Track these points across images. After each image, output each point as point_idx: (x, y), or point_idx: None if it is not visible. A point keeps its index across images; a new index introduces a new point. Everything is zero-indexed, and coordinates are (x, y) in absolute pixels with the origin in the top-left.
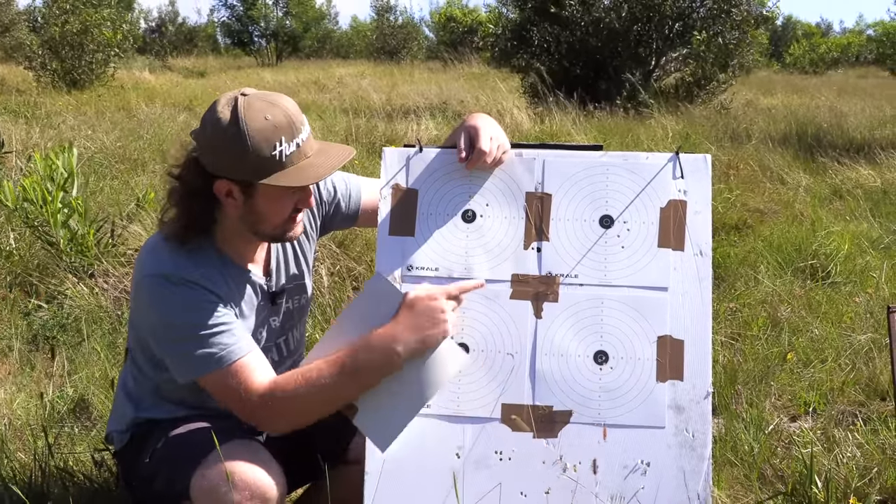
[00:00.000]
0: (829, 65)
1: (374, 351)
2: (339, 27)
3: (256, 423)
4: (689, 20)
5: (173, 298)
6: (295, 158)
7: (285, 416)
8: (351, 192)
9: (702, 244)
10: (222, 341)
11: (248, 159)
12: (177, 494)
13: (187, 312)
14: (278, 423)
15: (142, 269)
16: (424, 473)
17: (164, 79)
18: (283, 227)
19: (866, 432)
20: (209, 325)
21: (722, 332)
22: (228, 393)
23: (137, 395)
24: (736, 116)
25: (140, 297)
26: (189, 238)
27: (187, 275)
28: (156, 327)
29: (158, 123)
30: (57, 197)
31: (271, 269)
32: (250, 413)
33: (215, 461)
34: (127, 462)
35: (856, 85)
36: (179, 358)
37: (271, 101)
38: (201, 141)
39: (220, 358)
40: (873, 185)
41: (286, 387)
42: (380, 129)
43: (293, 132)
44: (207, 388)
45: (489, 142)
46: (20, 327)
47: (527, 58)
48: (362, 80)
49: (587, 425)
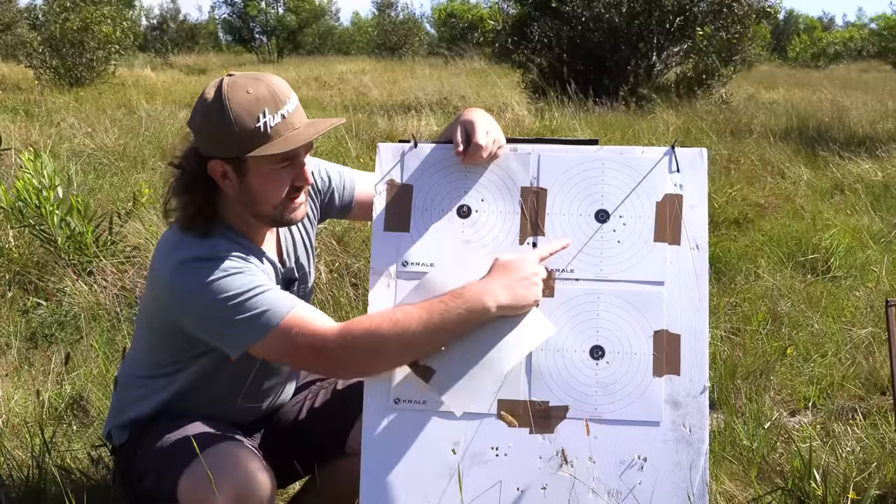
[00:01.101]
0: (831, 59)
1: (465, 300)
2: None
3: (334, 367)
4: (689, 15)
5: (213, 273)
6: (281, 129)
7: (364, 352)
8: (345, 184)
9: (698, 238)
10: (268, 299)
11: (234, 134)
12: (165, 494)
13: (230, 280)
14: (354, 360)
15: (169, 260)
16: (420, 469)
17: (166, 76)
18: (281, 206)
19: (866, 427)
20: (253, 287)
21: (722, 327)
22: (297, 347)
23: (138, 395)
24: (737, 111)
25: (176, 287)
26: (201, 225)
27: (216, 252)
28: (202, 308)
29: (159, 121)
30: (50, 196)
31: (283, 255)
32: (329, 358)
33: (200, 465)
34: (124, 459)
35: (858, 79)
36: (230, 329)
37: (255, 77)
38: (193, 126)
39: (271, 314)
40: (874, 180)
41: (369, 323)
42: (380, 125)
43: (277, 104)
44: (266, 354)
45: (485, 136)
46: (19, 325)
47: (527, 53)
48: (363, 76)
49: (583, 420)
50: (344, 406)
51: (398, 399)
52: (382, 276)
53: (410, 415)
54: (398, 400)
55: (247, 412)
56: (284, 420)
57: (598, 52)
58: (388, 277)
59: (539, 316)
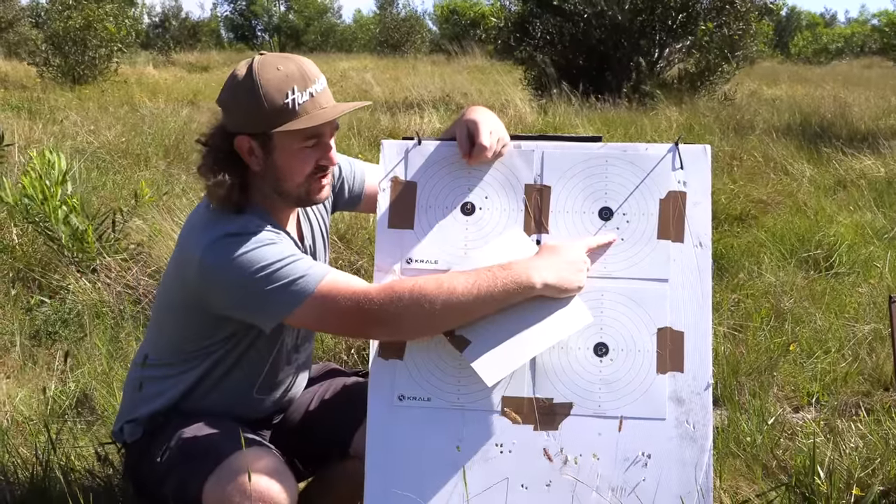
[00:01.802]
0: (834, 55)
1: (514, 273)
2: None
3: (376, 325)
4: (692, 11)
5: (246, 245)
6: (309, 107)
7: (408, 308)
8: (355, 175)
9: (701, 235)
10: (303, 265)
11: (262, 110)
12: (189, 499)
13: (263, 251)
14: (398, 316)
15: (202, 238)
16: (425, 466)
17: (168, 74)
18: (306, 185)
19: (869, 423)
20: (287, 256)
21: (725, 324)
22: (339, 309)
23: (151, 390)
24: (740, 107)
25: (208, 263)
26: (234, 202)
27: (248, 227)
28: (238, 284)
29: (161, 118)
30: (56, 193)
31: (304, 240)
32: (372, 316)
33: (229, 469)
34: (135, 456)
35: (860, 75)
36: (266, 298)
37: (285, 56)
38: (222, 102)
39: (308, 279)
40: (877, 176)
41: (414, 282)
42: (383, 122)
43: (306, 82)
44: (304, 321)
45: (489, 136)
46: (23, 322)
47: (530, 50)
48: (365, 73)
49: (588, 417)
50: (349, 408)
51: (402, 396)
52: (386, 273)
53: (415, 412)
54: (402, 397)
55: (259, 406)
56: (291, 420)
57: (601, 48)
58: (392, 275)
59: (580, 304)
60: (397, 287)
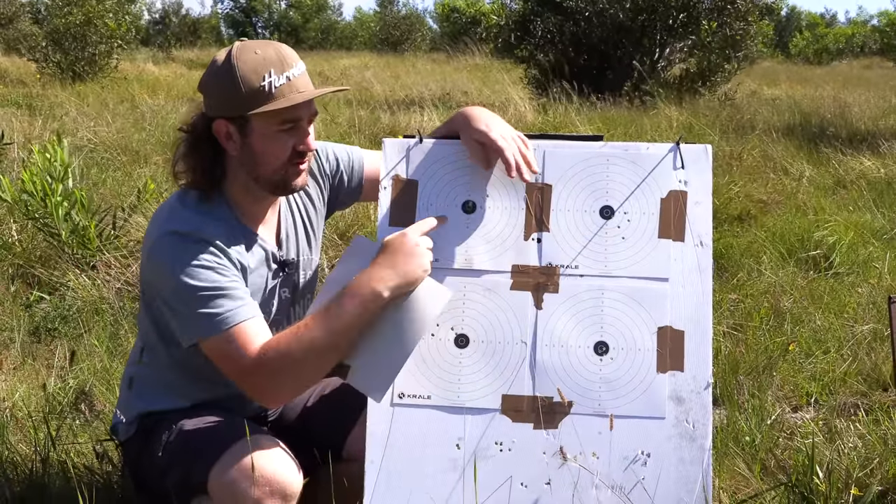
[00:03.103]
0: (834, 55)
1: (356, 294)
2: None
3: (252, 389)
4: (693, 11)
5: (185, 257)
6: (285, 91)
7: (279, 377)
8: (353, 163)
9: (702, 235)
10: (226, 304)
11: (238, 93)
12: (192, 488)
13: (198, 272)
14: (273, 387)
15: (157, 229)
16: (425, 465)
17: (168, 70)
18: (283, 171)
19: (868, 423)
20: (216, 288)
21: (724, 323)
22: (227, 357)
23: (145, 386)
24: (740, 107)
25: (153, 258)
26: (202, 187)
27: (200, 233)
28: (169, 287)
29: (161, 115)
30: (57, 189)
31: (282, 237)
32: (247, 378)
33: (234, 455)
34: (132, 453)
35: (860, 75)
36: (186, 318)
37: (265, 42)
38: (201, 86)
39: (222, 320)
40: (877, 176)
41: (278, 346)
42: (383, 120)
43: (283, 66)
44: (208, 353)
45: (503, 140)
46: (22, 319)
47: (530, 49)
48: (366, 71)
49: (588, 416)
50: (344, 410)
51: (402, 394)
52: None
53: (414, 410)
54: (402, 395)
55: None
56: (287, 418)
57: (602, 47)
58: None
59: (432, 284)
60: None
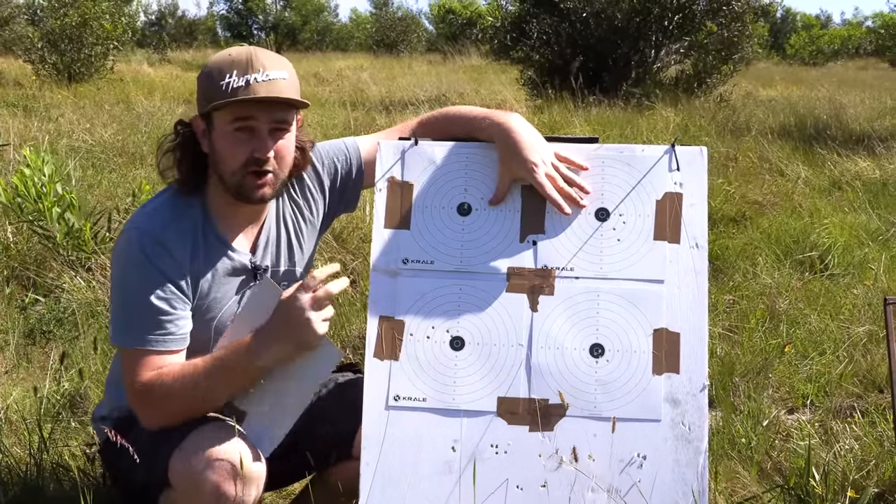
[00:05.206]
0: (829, 56)
1: (241, 354)
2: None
3: (134, 407)
4: (689, 12)
5: (135, 260)
6: (240, 91)
7: (156, 407)
8: (350, 156)
9: (698, 237)
10: (144, 321)
11: (205, 91)
12: (158, 482)
13: (138, 280)
14: (149, 413)
15: (129, 222)
16: (420, 467)
17: (164, 72)
18: (239, 176)
19: (864, 424)
20: (145, 302)
21: (720, 325)
22: (126, 370)
23: (119, 384)
24: (735, 108)
25: (114, 248)
26: (181, 184)
27: (165, 239)
28: (114, 281)
29: (157, 117)
30: (50, 191)
31: (259, 244)
32: (131, 397)
33: (192, 442)
34: (111, 458)
35: (855, 76)
36: (114, 317)
37: (252, 48)
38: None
39: (138, 338)
40: (872, 177)
41: (164, 381)
42: (378, 121)
43: (248, 69)
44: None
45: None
46: (16, 321)
47: (526, 50)
48: (362, 72)
49: (583, 418)
50: (350, 407)
51: (397, 397)
52: (383, 273)
53: (409, 413)
54: (397, 398)
55: None
56: None
57: (598, 48)
58: (388, 275)
59: (324, 344)
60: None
